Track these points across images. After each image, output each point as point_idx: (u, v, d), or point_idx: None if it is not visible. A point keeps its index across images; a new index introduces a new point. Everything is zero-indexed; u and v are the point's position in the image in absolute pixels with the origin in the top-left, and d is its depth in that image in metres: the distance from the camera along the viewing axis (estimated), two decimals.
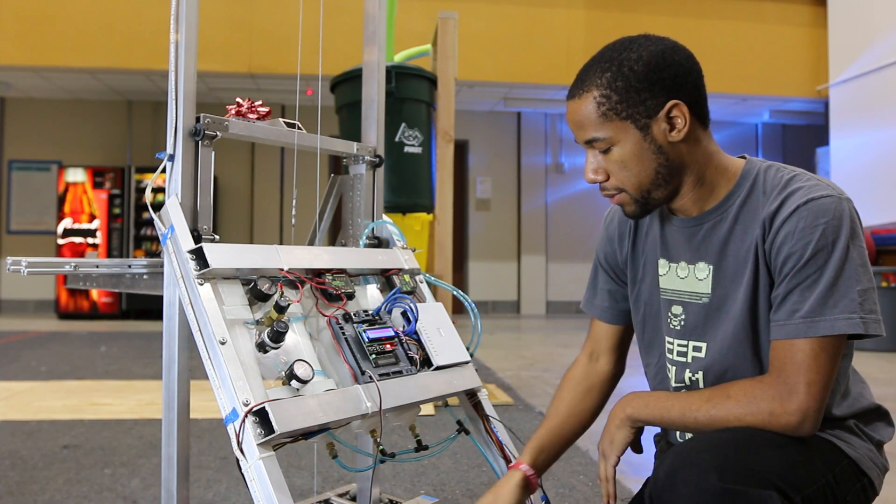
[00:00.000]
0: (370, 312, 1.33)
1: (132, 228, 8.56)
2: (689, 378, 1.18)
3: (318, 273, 1.33)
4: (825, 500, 1.01)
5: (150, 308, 8.29)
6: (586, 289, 1.41)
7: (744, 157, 1.17)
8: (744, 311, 1.09)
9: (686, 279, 1.18)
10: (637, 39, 1.10)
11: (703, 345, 1.15)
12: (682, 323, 1.18)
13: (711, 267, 1.13)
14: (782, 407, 1.00)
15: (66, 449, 2.68)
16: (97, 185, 8.54)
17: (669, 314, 1.20)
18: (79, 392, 3.83)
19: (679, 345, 1.18)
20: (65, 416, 3.23)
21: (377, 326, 1.30)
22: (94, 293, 8.38)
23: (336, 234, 1.71)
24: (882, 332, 1.01)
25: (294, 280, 1.26)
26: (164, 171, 1.30)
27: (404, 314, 1.36)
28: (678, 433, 1.23)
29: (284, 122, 1.47)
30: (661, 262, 1.22)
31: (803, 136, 9.91)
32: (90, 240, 8.48)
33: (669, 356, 1.21)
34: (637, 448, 1.20)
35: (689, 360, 1.18)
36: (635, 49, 1.08)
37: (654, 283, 1.24)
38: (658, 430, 1.34)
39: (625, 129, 1.07)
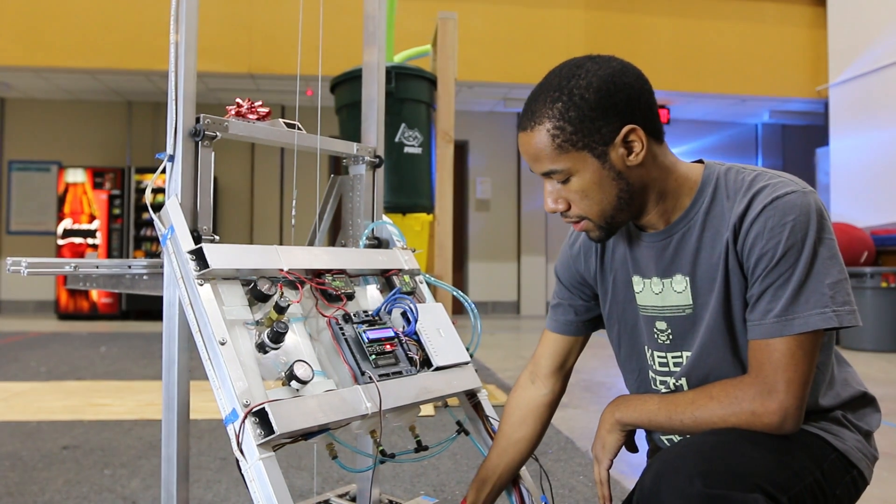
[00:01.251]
0: (370, 313, 1.33)
1: (132, 229, 8.55)
2: (674, 384, 1.18)
3: (317, 273, 1.33)
4: (814, 497, 1.01)
5: (149, 309, 8.28)
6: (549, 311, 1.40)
7: (701, 162, 1.16)
8: (718, 315, 1.09)
9: (661, 294, 1.17)
10: (584, 64, 1.07)
11: (691, 352, 1.15)
12: (671, 337, 1.17)
13: (688, 278, 1.13)
14: (763, 406, 1.00)
15: (66, 450, 2.67)
16: (97, 186, 8.54)
17: (655, 330, 1.19)
18: (79, 393, 3.83)
19: (673, 356, 1.18)
20: (64, 416, 3.23)
21: (377, 327, 1.30)
22: (94, 294, 8.38)
23: (336, 235, 1.71)
24: (858, 322, 1.01)
25: (294, 280, 1.26)
26: (163, 171, 1.30)
27: (404, 315, 1.35)
28: (662, 434, 1.24)
29: (284, 122, 1.47)
30: (636, 279, 1.21)
31: (803, 137, 9.91)
32: (90, 240, 8.48)
33: (661, 368, 1.20)
34: (631, 447, 1.20)
35: (677, 368, 1.18)
36: (584, 75, 1.05)
37: (627, 300, 1.23)
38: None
39: (582, 159, 1.06)
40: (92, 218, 8.51)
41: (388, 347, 1.28)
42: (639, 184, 1.09)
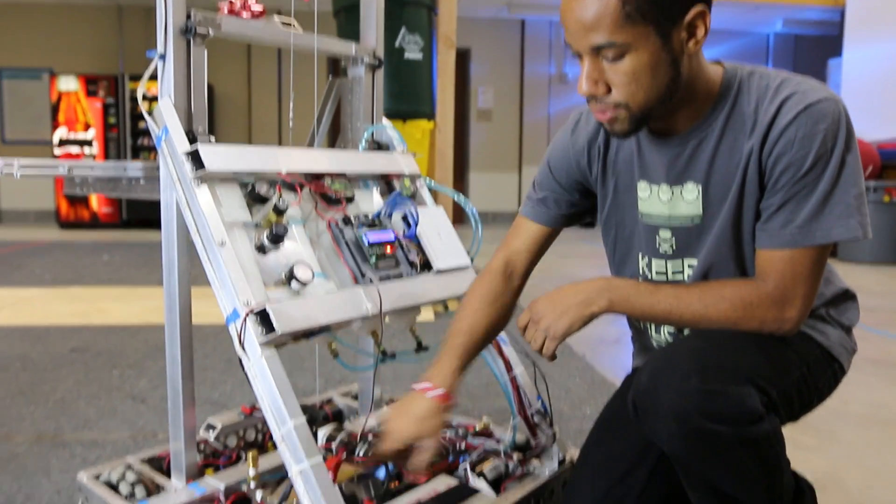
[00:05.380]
0: (370, 216, 1.32)
1: (129, 138, 8.43)
2: None
3: (317, 176, 1.31)
4: (799, 390, 1.05)
5: (150, 218, 8.28)
6: (528, 194, 1.31)
7: (719, 64, 1.10)
8: (727, 225, 1.07)
9: (670, 202, 1.13)
10: None
11: (696, 261, 1.14)
12: (674, 246, 1.15)
13: (700, 186, 1.09)
14: (781, 315, 1.01)
15: (75, 352, 2.74)
16: (90, 94, 8.35)
17: (658, 238, 1.16)
18: (84, 298, 3.89)
19: (673, 265, 1.16)
20: (72, 321, 3.30)
21: (377, 230, 1.30)
22: (95, 203, 8.37)
23: (335, 139, 1.68)
24: (870, 234, 1.01)
25: (293, 183, 1.25)
26: (154, 78, 1.26)
27: (405, 218, 1.35)
28: (654, 338, 1.24)
29: (280, 20, 1.41)
30: (642, 184, 1.16)
31: (816, 48, 9.60)
32: (86, 149, 8.38)
33: (658, 277, 1.18)
34: None
35: (676, 277, 1.16)
36: None
37: (628, 205, 1.19)
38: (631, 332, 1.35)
39: (645, 36, 0.95)
40: (87, 127, 8.38)
41: (388, 250, 1.28)
42: (685, 76, 1.02)
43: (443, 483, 1.23)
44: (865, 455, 1.79)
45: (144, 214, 8.32)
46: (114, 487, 1.29)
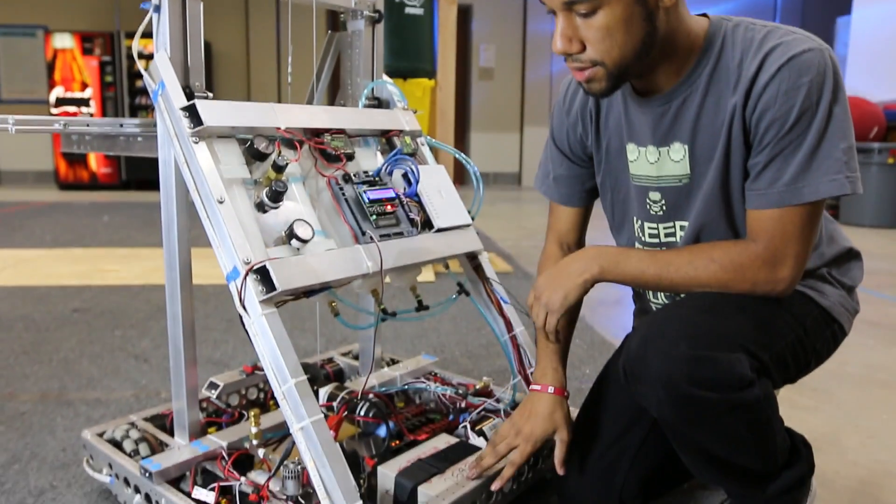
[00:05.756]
0: (370, 174, 1.30)
1: (126, 97, 8.33)
2: None
3: (316, 133, 1.29)
4: (794, 353, 1.04)
5: (149, 178, 8.24)
6: (540, 167, 1.34)
7: (705, 16, 1.07)
8: (715, 184, 1.05)
9: (657, 163, 1.12)
10: None
11: (687, 222, 1.13)
12: (664, 208, 1.14)
13: (687, 146, 1.07)
14: (773, 275, 1.00)
15: (77, 312, 2.75)
16: (86, 52, 8.22)
17: (648, 201, 1.15)
18: (85, 259, 3.89)
19: (665, 227, 1.15)
20: (73, 281, 3.30)
21: (378, 187, 1.28)
22: (94, 163, 8.31)
23: (335, 96, 1.65)
24: (860, 189, 0.98)
25: (292, 139, 1.23)
26: (148, 35, 1.22)
27: (405, 176, 1.33)
28: (652, 301, 1.24)
29: None
30: (630, 146, 1.15)
31: (824, 5, 9.40)
32: (84, 109, 8.29)
33: (651, 239, 1.18)
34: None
35: (668, 239, 1.15)
36: None
37: (619, 168, 1.19)
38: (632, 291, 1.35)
39: None
40: (84, 86, 8.27)
41: (388, 208, 1.26)
42: (662, 32, 1.00)
43: (443, 441, 1.23)
44: (862, 416, 1.81)
45: (144, 175, 8.28)
46: (118, 445, 1.30)
